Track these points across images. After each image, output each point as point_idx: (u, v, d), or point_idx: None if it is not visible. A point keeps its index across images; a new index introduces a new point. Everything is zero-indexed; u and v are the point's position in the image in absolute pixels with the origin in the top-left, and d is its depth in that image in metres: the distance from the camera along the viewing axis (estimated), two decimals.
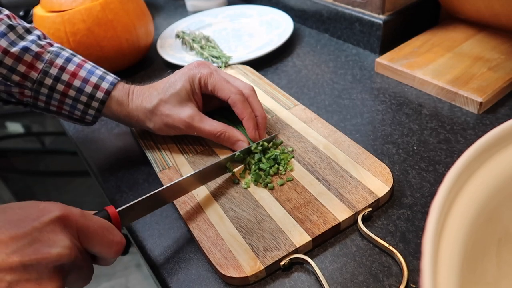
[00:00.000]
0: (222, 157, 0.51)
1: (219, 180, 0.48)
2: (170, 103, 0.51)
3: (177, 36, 0.81)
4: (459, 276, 0.23)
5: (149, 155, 0.54)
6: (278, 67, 0.71)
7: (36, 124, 1.99)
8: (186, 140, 0.55)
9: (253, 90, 0.52)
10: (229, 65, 0.70)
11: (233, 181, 0.48)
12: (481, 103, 0.53)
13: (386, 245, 0.39)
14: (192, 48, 0.77)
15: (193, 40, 0.78)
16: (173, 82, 0.51)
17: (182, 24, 0.87)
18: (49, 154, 1.87)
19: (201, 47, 0.76)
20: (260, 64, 0.71)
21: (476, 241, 0.25)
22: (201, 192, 0.47)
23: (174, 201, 0.46)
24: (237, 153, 0.48)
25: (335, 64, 0.69)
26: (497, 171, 0.28)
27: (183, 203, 0.46)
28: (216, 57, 0.72)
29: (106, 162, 0.57)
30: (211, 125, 0.51)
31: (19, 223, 0.30)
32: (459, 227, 0.25)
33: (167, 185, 0.43)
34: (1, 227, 0.29)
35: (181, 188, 0.45)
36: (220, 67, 0.69)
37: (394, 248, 0.38)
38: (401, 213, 0.43)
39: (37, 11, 0.69)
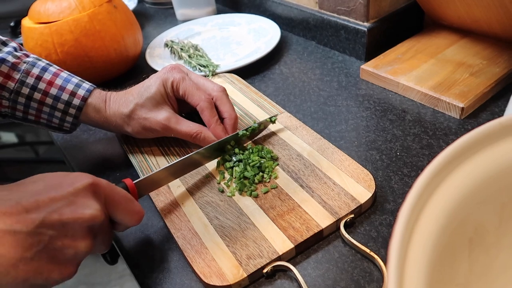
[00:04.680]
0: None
1: (205, 189, 0.48)
2: (146, 106, 0.52)
3: (166, 45, 0.82)
4: (427, 279, 0.23)
5: (134, 161, 0.55)
6: (265, 74, 0.72)
7: (30, 134, 1.98)
8: (170, 145, 0.56)
9: (224, 91, 0.54)
10: (217, 73, 0.70)
11: (218, 189, 0.48)
12: (462, 108, 0.54)
13: (368, 251, 0.39)
14: (180, 57, 0.78)
15: (181, 49, 0.79)
16: (148, 86, 0.53)
17: (172, 33, 0.88)
18: (42, 163, 1.87)
19: (189, 56, 0.76)
20: (248, 72, 0.72)
21: (447, 244, 0.26)
22: (186, 201, 0.47)
23: (160, 210, 0.47)
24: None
25: (322, 71, 0.70)
26: (469, 175, 0.28)
27: (168, 212, 0.46)
28: (203, 66, 0.72)
29: (93, 170, 0.58)
30: (187, 126, 0.52)
31: (57, 188, 0.34)
32: (430, 230, 0.25)
33: (179, 159, 0.47)
34: (42, 191, 0.33)
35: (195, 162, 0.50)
36: (208, 76, 0.70)
37: (375, 254, 0.39)
38: (383, 219, 0.43)
39: (25, 22, 0.69)
